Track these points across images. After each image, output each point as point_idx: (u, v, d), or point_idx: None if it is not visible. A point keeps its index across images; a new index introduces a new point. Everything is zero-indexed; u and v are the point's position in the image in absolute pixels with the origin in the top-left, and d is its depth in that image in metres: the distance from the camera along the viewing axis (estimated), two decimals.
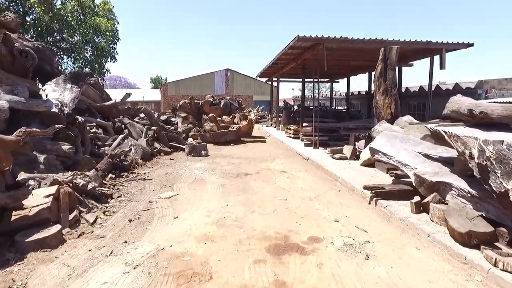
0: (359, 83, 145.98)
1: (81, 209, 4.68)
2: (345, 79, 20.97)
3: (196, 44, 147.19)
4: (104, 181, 6.18)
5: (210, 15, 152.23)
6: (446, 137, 4.53)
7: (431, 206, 4.43)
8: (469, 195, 4.17)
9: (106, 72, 18.57)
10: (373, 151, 5.96)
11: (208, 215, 4.91)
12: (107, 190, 5.66)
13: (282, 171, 8.12)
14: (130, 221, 4.62)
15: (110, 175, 6.86)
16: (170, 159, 9.70)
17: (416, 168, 5.07)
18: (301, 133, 12.35)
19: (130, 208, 5.20)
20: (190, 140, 14.34)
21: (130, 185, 6.54)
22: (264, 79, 22.93)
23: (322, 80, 21.28)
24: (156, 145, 10.61)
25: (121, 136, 8.87)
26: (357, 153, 9.05)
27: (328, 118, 16.13)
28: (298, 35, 9.70)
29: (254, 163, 9.22)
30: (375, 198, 5.35)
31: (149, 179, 7.09)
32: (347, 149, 9.23)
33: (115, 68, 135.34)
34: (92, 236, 4.08)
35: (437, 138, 5.33)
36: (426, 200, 4.68)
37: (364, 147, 8.87)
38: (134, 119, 12.66)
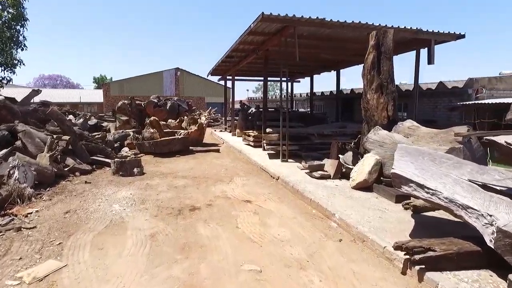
0: (318, 82, 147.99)
1: None
2: (303, 78, 19.07)
3: (146, 43, 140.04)
4: None
5: (160, 9, 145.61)
6: None
7: None
8: None
9: (19, 63, 14.78)
10: (400, 181, 3.69)
11: None
12: None
13: (246, 201, 5.65)
14: None
15: None
16: (87, 182, 6.82)
17: (492, 217, 2.86)
18: (264, 141, 9.97)
19: None
20: (125, 150, 11.41)
21: None
22: (216, 78, 20.30)
23: (277, 79, 19.17)
24: (70, 161, 7.65)
25: (3, 152, 5.87)
26: (343, 169, 6.85)
27: (292, 122, 13.98)
28: (262, 13, 7.32)
29: (205, 186, 6.66)
30: (418, 267, 3.07)
31: (30, 228, 4.27)
32: (329, 165, 6.99)
33: (55, 67, 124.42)
34: None
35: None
36: None
37: (354, 162, 6.68)
38: (48, 125, 9.51)
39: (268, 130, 9.77)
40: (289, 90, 20.89)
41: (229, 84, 19.11)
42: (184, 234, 4.18)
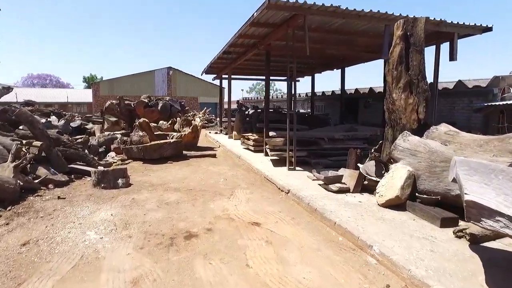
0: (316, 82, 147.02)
1: None
2: (302, 78, 18.10)
3: (138, 43, 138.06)
4: None
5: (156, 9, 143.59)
6: None
7: None
8: None
9: None
10: (479, 213, 2.66)
11: None
12: None
13: (254, 223, 4.60)
14: None
15: None
16: (60, 197, 5.70)
17: None
18: (266, 146, 8.93)
19: None
20: (112, 155, 10.30)
21: None
22: (211, 78, 19.20)
23: (280, 78, 18.18)
24: (42, 171, 6.52)
25: None
26: (364, 181, 5.85)
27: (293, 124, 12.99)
28: (268, 0, 6.29)
29: (202, 202, 5.60)
30: None
31: None
32: (348, 176, 5.98)
33: (46, 66, 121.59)
34: None
35: None
36: None
37: (377, 173, 5.68)
38: (20, 128, 8.36)
39: (271, 133, 8.74)
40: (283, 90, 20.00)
41: (225, 83, 18.08)
42: (177, 278, 3.13)
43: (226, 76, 15.81)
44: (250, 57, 11.33)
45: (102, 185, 6.43)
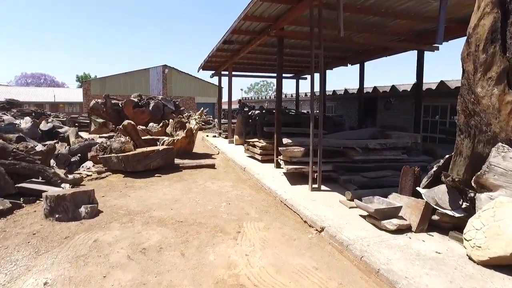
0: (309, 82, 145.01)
1: None
2: (308, 75, 16.24)
3: (134, 41, 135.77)
4: None
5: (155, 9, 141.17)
6: None
7: None
8: None
9: None
10: None
11: None
12: None
13: None
14: None
15: None
16: None
17: None
18: (280, 158, 7.07)
19: None
20: (88, 165, 8.43)
21: None
22: (208, 76, 17.27)
23: (286, 75, 16.33)
24: None
25: None
26: (430, 215, 4.03)
27: (302, 127, 11.17)
28: None
29: (196, 248, 3.75)
30: None
31: None
32: (408, 207, 4.14)
33: (41, 65, 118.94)
34: None
35: None
36: None
37: (452, 204, 3.87)
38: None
39: (285, 140, 6.89)
40: (284, 90, 18.16)
41: (224, 82, 16.19)
42: None
43: (226, 72, 13.93)
44: (256, 47, 9.50)
45: (56, 215, 4.57)
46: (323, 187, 5.89)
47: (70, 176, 6.94)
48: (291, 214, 4.98)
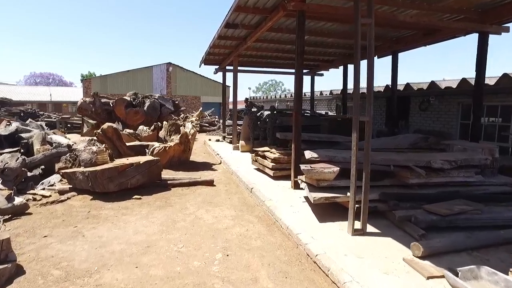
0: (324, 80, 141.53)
1: None
2: (327, 71, 14.19)
3: (140, 39, 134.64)
4: None
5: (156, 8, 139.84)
6: None
7: None
8: None
9: None
10: None
11: None
12: None
13: None
14: None
15: None
16: None
17: None
18: (301, 179, 5.09)
19: None
20: (52, 181, 6.61)
21: None
22: (214, 72, 15.25)
23: (288, 70, 14.31)
24: None
25: None
26: None
27: (320, 132, 9.21)
28: None
29: None
30: None
31: None
32: None
33: (50, 65, 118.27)
34: None
35: None
36: None
37: None
38: None
39: (308, 154, 4.90)
40: (291, 90, 16.28)
41: (229, 79, 14.22)
42: None
43: (231, 67, 11.99)
44: (266, 33, 7.56)
45: None
46: (369, 227, 3.92)
47: (17, 200, 5.11)
48: (326, 283, 3.03)
